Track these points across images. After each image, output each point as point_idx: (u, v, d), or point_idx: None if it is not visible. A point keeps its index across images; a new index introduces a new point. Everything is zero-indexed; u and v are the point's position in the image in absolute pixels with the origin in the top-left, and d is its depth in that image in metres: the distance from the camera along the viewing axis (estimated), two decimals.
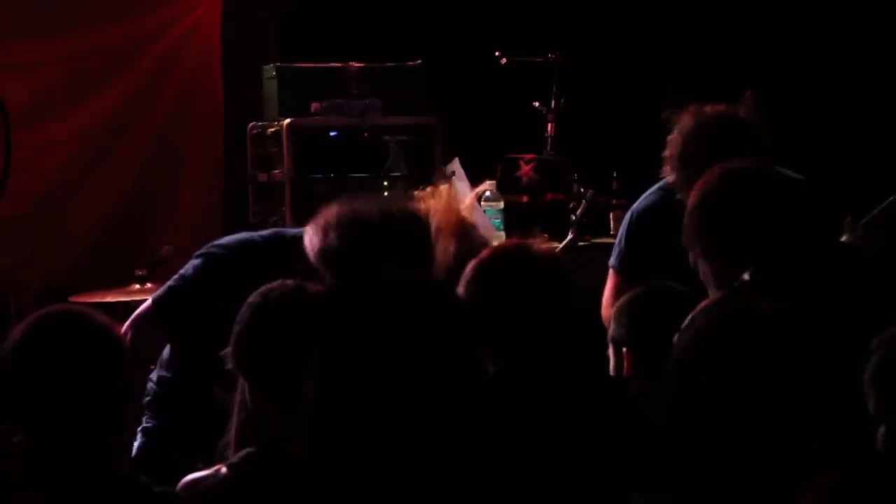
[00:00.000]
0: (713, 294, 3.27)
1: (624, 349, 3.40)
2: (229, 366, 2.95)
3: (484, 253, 3.27)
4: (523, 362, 3.01)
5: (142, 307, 4.01)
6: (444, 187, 4.29)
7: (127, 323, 3.91)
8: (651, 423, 2.74)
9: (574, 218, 5.54)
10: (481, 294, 3.05)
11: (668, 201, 4.23)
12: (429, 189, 4.15)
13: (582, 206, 5.59)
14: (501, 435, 2.84)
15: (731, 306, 2.71)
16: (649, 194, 4.44)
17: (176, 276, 3.98)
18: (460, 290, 3.12)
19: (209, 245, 4.03)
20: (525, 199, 6.10)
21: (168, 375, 3.95)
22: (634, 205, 4.51)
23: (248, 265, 3.73)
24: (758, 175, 3.46)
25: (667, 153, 4.09)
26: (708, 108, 4.13)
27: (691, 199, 3.41)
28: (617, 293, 4.07)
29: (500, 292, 3.08)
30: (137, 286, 5.16)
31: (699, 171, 3.81)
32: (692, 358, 2.44)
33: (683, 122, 4.06)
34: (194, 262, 3.94)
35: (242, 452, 2.78)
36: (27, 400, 2.66)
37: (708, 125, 4.12)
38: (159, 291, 4.02)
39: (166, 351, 4.03)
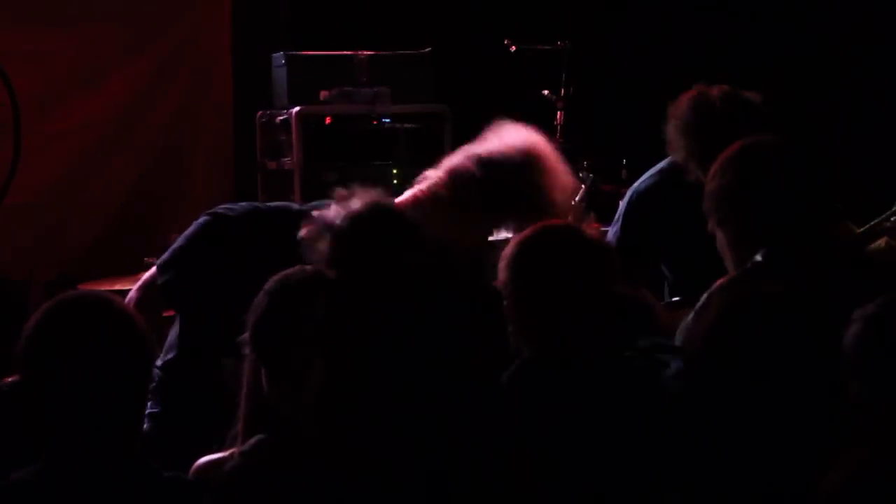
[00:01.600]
0: (729, 265, 3.29)
1: None
2: (245, 351, 2.86)
3: (529, 231, 3.15)
4: (560, 348, 2.94)
5: (148, 272, 3.95)
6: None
7: (133, 290, 3.86)
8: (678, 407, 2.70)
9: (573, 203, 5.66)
10: (522, 275, 2.98)
11: (668, 182, 4.32)
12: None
13: (581, 191, 5.81)
14: (529, 418, 2.79)
15: (746, 291, 2.72)
16: (650, 175, 4.45)
17: (180, 238, 3.89)
18: (501, 266, 3.07)
19: (217, 207, 3.94)
20: None
21: (173, 356, 3.82)
22: (635, 184, 4.53)
23: (252, 231, 3.72)
24: (782, 150, 3.41)
25: (670, 125, 4.13)
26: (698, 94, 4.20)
27: (714, 167, 3.38)
28: None
29: (543, 275, 2.97)
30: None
31: (701, 141, 4.03)
32: (709, 341, 2.51)
33: (687, 97, 4.09)
34: (199, 220, 3.84)
35: (254, 439, 2.72)
36: (46, 387, 2.60)
37: (710, 97, 4.14)
38: (164, 255, 3.93)
39: (172, 333, 3.89)
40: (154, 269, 3.88)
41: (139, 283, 3.87)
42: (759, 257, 3.22)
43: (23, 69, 6.57)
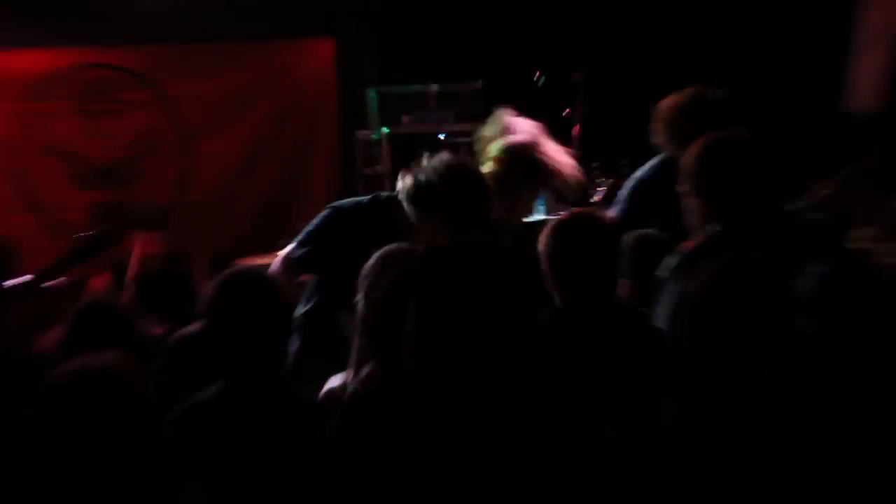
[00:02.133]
0: (694, 228, 3.49)
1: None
2: (359, 306, 3.05)
3: (563, 215, 3.37)
4: (581, 298, 3.18)
5: (283, 251, 4.21)
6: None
7: (274, 263, 4.13)
8: (668, 344, 2.87)
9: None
10: (556, 246, 3.21)
11: (659, 173, 4.54)
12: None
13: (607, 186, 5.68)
14: (560, 346, 2.98)
15: (725, 258, 2.80)
16: (646, 169, 4.65)
17: (308, 225, 4.17)
18: (541, 239, 3.27)
19: (332, 203, 4.22)
20: None
21: (307, 308, 4.11)
22: (635, 174, 4.70)
23: (357, 218, 4.03)
24: (740, 141, 3.53)
25: (655, 121, 4.37)
26: (683, 97, 4.36)
27: (693, 150, 3.53)
28: None
29: (570, 246, 3.20)
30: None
31: (676, 132, 4.29)
32: (701, 299, 2.65)
33: (666, 100, 4.32)
34: (322, 213, 4.16)
35: (364, 371, 2.94)
36: (222, 329, 2.89)
37: (682, 100, 4.33)
38: (297, 237, 4.23)
39: (307, 291, 4.17)
40: (289, 247, 4.16)
41: (279, 258, 4.17)
42: (718, 227, 3.40)
43: (188, 108, 7.29)
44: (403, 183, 3.80)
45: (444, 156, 3.83)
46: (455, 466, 2.30)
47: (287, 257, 4.17)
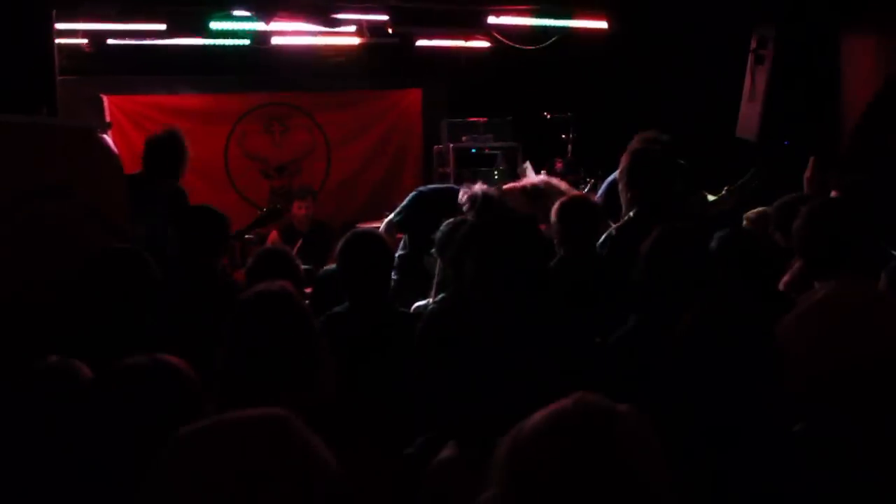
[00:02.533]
0: (625, 213, 3.77)
1: None
2: (436, 254, 3.45)
3: (565, 198, 3.78)
4: (570, 253, 3.59)
5: (387, 218, 4.83)
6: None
7: (381, 225, 4.68)
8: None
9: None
10: (560, 219, 3.64)
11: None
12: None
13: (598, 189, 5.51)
14: (563, 283, 3.23)
15: (661, 230, 2.80)
16: (612, 176, 4.70)
17: (404, 200, 4.84)
18: (552, 215, 3.67)
19: (419, 188, 5.02)
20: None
21: (403, 253, 4.57)
22: (608, 178, 4.93)
23: (436, 197, 4.70)
24: (658, 152, 3.75)
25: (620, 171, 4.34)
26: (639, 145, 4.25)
27: (625, 157, 3.78)
28: None
29: (569, 221, 3.61)
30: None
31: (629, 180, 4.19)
32: (651, 255, 2.74)
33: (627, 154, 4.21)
34: (411, 194, 4.90)
35: (440, 296, 3.28)
36: (345, 269, 3.14)
37: (636, 154, 4.23)
38: (397, 208, 4.82)
39: (402, 241, 4.70)
40: (391, 215, 4.83)
41: (384, 223, 4.80)
42: (631, 213, 3.79)
43: (330, 130, 8.24)
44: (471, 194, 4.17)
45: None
46: (496, 364, 2.19)
47: (388, 222, 4.79)
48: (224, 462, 1.19)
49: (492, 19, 6.55)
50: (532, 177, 5.82)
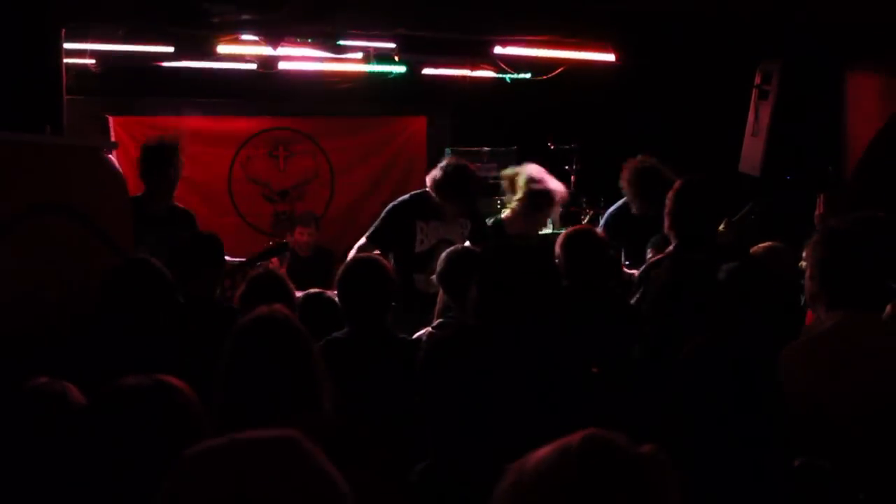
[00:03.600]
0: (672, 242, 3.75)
1: None
2: (437, 281, 3.42)
3: (569, 230, 3.80)
4: (580, 282, 3.60)
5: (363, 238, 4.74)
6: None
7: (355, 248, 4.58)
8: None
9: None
10: (565, 251, 3.66)
11: (621, 210, 5.29)
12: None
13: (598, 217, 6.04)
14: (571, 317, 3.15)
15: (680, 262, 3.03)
16: (614, 207, 5.38)
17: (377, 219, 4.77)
18: (556, 247, 3.66)
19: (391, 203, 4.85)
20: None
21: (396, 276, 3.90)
22: (608, 210, 5.43)
23: (397, 208, 4.77)
24: (690, 186, 3.82)
25: (622, 179, 5.07)
26: (637, 163, 4.98)
27: (669, 195, 3.80)
28: None
29: (573, 252, 3.64)
30: None
31: (634, 191, 4.97)
32: (664, 287, 2.86)
33: (627, 166, 4.97)
34: (385, 209, 4.84)
35: (438, 322, 3.34)
36: (345, 294, 3.21)
37: (634, 169, 5.01)
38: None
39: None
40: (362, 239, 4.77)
41: (354, 247, 4.72)
42: (672, 247, 3.83)
43: (335, 156, 8.20)
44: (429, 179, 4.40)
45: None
46: (500, 386, 2.26)
47: (359, 246, 4.73)
48: (234, 483, 1.16)
49: (498, 49, 6.59)
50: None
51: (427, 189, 4.74)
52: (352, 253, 4.49)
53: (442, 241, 4.74)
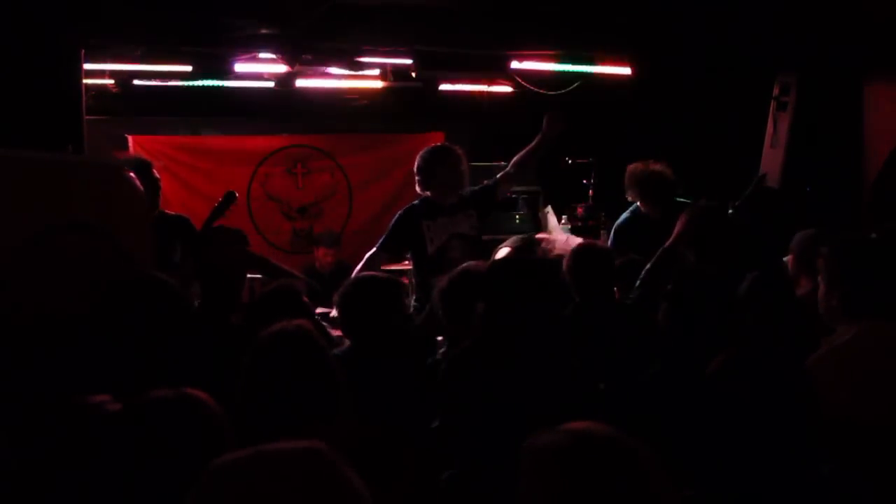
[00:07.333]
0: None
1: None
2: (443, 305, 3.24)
3: (578, 245, 3.87)
4: (588, 296, 3.63)
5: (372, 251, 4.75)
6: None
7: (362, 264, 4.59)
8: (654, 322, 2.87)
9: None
10: (572, 262, 3.70)
11: (632, 218, 5.36)
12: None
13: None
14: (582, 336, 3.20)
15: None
16: (622, 217, 5.43)
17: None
18: (565, 261, 3.70)
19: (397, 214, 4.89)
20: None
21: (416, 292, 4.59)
22: (616, 222, 5.43)
23: (403, 215, 4.84)
24: (714, 209, 4.08)
25: (626, 183, 5.21)
26: (641, 165, 5.13)
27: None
28: None
29: (579, 263, 3.67)
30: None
31: (637, 190, 5.11)
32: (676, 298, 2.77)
33: (631, 169, 5.13)
34: (392, 220, 4.92)
35: (444, 348, 3.27)
36: (346, 311, 3.18)
37: (638, 171, 5.15)
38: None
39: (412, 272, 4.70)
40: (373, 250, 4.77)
41: (363, 261, 4.73)
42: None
43: (352, 172, 8.19)
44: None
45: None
46: (511, 398, 2.28)
47: (370, 257, 4.78)
48: (261, 494, 1.16)
49: (515, 64, 6.57)
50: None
51: (427, 192, 4.79)
52: (360, 264, 4.59)
53: (453, 237, 4.78)
